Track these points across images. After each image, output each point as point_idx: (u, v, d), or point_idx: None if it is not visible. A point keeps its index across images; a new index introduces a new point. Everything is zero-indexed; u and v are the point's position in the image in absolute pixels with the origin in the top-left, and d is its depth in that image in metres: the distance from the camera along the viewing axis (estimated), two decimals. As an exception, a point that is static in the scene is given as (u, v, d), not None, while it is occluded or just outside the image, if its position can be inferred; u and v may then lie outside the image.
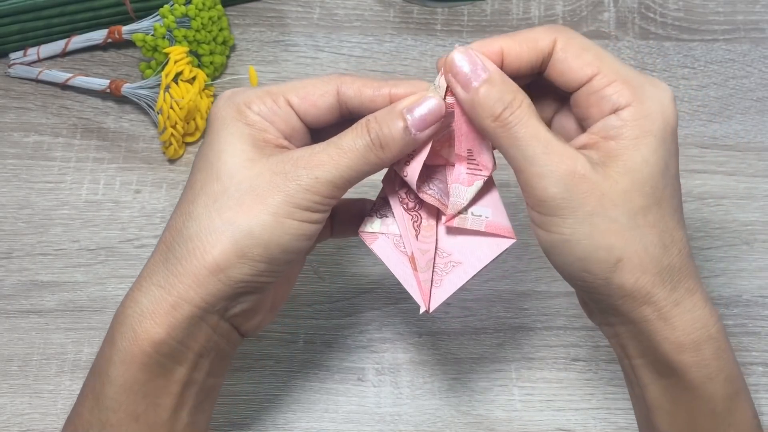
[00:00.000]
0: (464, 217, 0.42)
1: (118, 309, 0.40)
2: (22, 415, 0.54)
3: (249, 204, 0.38)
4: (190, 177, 0.41)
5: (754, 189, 0.61)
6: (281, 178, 0.38)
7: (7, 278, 0.58)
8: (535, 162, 0.37)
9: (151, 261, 0.40)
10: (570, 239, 0.38)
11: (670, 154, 0.38)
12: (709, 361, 0.39)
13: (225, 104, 0.41)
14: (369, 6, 0.68)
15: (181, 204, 0.40)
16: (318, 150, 0.39)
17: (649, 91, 0.38)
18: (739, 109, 0.64)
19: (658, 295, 0.38)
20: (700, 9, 0.68)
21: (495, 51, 0.39)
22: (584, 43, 0.39)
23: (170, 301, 0.39)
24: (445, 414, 0.55)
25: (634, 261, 0.38)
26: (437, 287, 0.43)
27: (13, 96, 0.64)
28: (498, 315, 0.57)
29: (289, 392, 0.55)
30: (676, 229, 0.39)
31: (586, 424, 0.55)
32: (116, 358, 0.39)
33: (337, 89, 0.41)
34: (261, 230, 0.38)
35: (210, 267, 0.38)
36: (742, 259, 0.59)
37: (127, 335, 0.39)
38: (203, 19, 0.61)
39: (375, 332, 0.57)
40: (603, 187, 0.37)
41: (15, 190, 0.61)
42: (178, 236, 0.39)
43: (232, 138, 0.39)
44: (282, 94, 0.41)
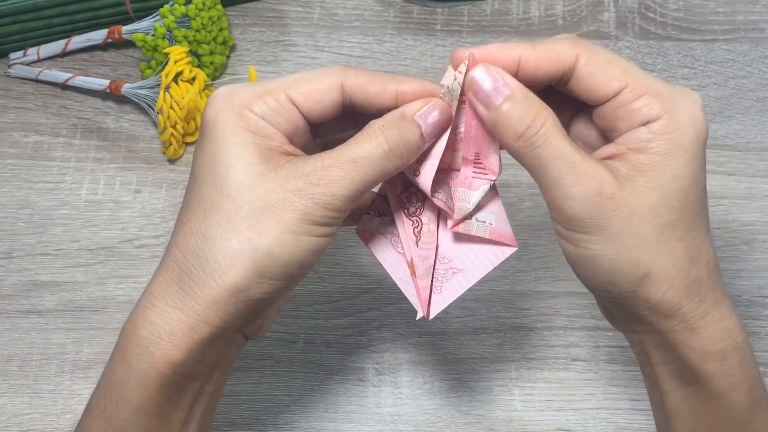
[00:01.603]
0: (469, 222, 0.42)
1: (127, 328, 0.39)
2: (22, 415, 0.54)
3: (265, 223, 0.37)
4: (193, 188, 0.39)
5: (754, 189, 0.61)
6: (296, 196, 0.37)
7: (7, 278, 0.58)
8: (560, 183, 0.37)
9: (161, 279, 0.39)
10: (597, 254, 0.37)
11: (701, 167, 0.38)
12: (734, 371, 0.39)
13: (223, 107, 0.38)
14: (369, 6, 0.68)
15: (189, 220, 0.38)
16: (330, 163, 0.38)
17: (680, 102, 0.37)
18: (739, 109, 0.64)
19: (686, 307, 0.38)
20: (700, 9, 0.68)
21: (512, 58, 0.38)
22: (609, 57, 0.38)
23: (188, 323, 0.37)
24: (445, 414, 0.55)
25: (660, 275, 0.37)
26: (437, 294, 0.43)
27: (13, 96, 0.64)
28: (498, 315, 0.57)
29: (289, 392, 0.55)
30: (703, 241, 0.38)
31: (586, 424, 0.55)
32: (132, 381, 0.38)
33: (341, 83, 0.39)
34: (280, 250, 0.37)
35: (230, 289, 0.37)
36: (742, 259, 0.59)
37: (144, 357, 0.37)
38: (203, 19, 0.61)
39: (375, 332, 0.57)
40: (631, 204, 0.37)
41: (15, 190, 0.61)
42: (192, 257, 0.38)
43: (238, 149, 0.37)
44: (283, 91, 0.39)
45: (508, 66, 0.38)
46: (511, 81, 0.38)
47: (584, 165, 0.37)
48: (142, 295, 0.39)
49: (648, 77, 0.38)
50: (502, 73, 0.38)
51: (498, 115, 0.38)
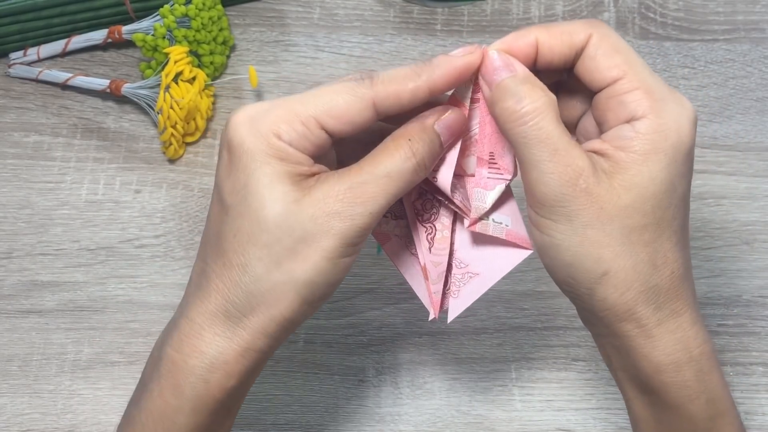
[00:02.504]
0: (486, 223, 0.42)
1: (174, 356, 0.39)
2: (22, 415, 0.54)
3: (306, 252, 0.37)
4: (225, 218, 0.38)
5: (754, 189, 0.61)
6: (336, 219, 0.37)
7: (7, 278, 0.58)
8: (539, 166, 0.37)
9: (204, 308, 0.39)
10: (561, 244, 0.38)
11: (680, 175, 0.37)
12: (689, 383, 0.39)
13: (249, 133, 0.37)
14: (369, 6, 0.68)
15: (225, 251, 0.38)
16: (365, 180, 0.37)
17: (669, 106, 0.37)
18: (739, 109, 0.64)
19: (641, 312, 0.38)
20: (700, 9, 0.68)
21: (530, 42, 0.38)
22: (617, 44, 0.38)
23: (239, 351, 0.38)
24: (445, 414, 0.55)
25: (620, 276, 0.37)
26: (455, 298, 0.43)
27: (13, 96, 0.64)
28: (498, 315, 0.57)
29: (289, 392, 0.55)
30: (672, 250, 0.38)
31: (586, 424, 0.55)
32: (187, 408, 0.38)
33: (374, 103, 0.38)
34: (321, 277, 0.38)
35: (277, 320, 0.38)
36: (742, 259, 0.59)
37: (198, 386, 0.38)
38: (203, 19, 0.61)
39: (375, 332, 0.57)
40: (603, 201, 0.36)
41: (15, 190, 0.61)
42: (236, 290, 0.38)
43: (271, 181, 0.37)
44: (313, 117, 0.37)
45: (527, 51, 0.38)
46: (518, 65, 0.38)
47: (566, 153, 0.37)
48: (180, 320, 0.39)
49: (649, 74, 0.38)
50: (513, 60, 0.38)
51: (496, 93, 0.38)
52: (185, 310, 0.39)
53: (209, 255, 0.39)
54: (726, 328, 0.57)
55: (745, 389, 0.55)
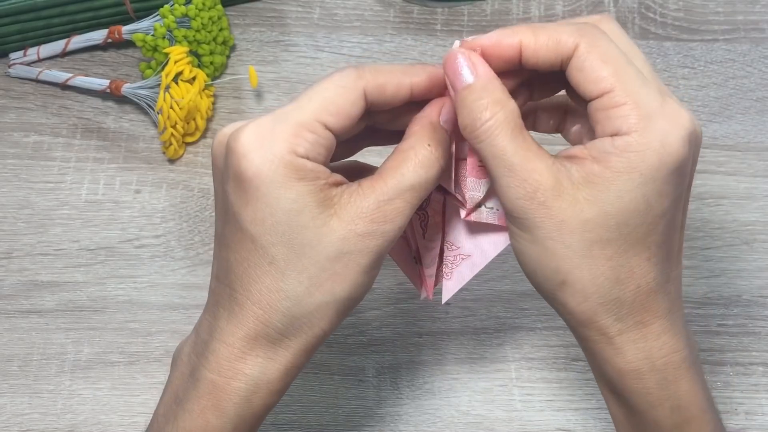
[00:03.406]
0: (480, 210, 0.42)
1: (215, 380, 0.39)
2: (22, 415, 0.54)
3: (344, 272, 0.38)
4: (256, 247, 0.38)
5: (754, 189, 0.61)
6: (369, 239, 0.37)
7: (7, 278, 0.58)
8: (497, 180, 0.37)
9: (242, 333, 0.39)
10: (524, 251, 0.38)
11: (660, 194, 0.36)
12: (651, 390, 0.39)
13: (263, 160, 0.36)
14: (369, 6, 0.68)
15: (261, 277, 0.38)
16: (391, 196, 0.38)
17: (657, 124, 0.36)
18: (739, 109, 0.64)
19: (601, 322, 0.38)
20: (700, 9, 0.68)
21: (513, 44, 0.38)
22: (606, 54, 0.36)
23: (282, 370, 0.39)
24: (445, 414, 0.55)
25: (577, 287, 0.37)
26: (448, 279, 0.44)
27: (13, 96, 0.64)
28: (498, 315, 0.57)
29: (289, 392, 0.55)
30: (640, 266, 0.37)
31: (586, 424, 0.55)
32: (229, 427, 0.39)
33: (364, 91, 0.38)
34: (358, 290, 0.38)
35: (319, 337, 0.39)
36: (742, 259, 0.59)
37: (243, 406, 0.39)
38: (203, 19, 0.61)
39: (375, 332, 0.57)
40: (564, 214, 0.36)
41: (15, 190, 0.61)
42: (277, 315, 0.38)
43: (296, 206, 0.36)
44: (316, 120, 0.37)
45: (509, 53, 0.38)
46: (480, 68, 0.38)
47: (522, 168, 0.36)
48: (215, 344, 0.39)
49: (640, 85, 0.36)
50: (474, 59, 0.38)
51: (457, 100, 0.38)
52: (218, 334, 0.39)
53: (237, 281, 0.39)
54: (726, 328, 0.57)
55: (745, 389, 0.55)
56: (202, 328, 0.41)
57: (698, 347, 0.43)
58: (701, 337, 0.57)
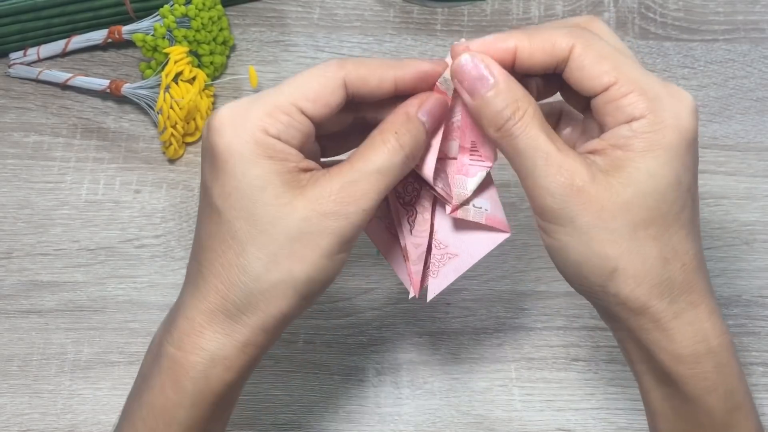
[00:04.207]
0: (467, 209, 0.42)
1: (175, 354, 0.39)
2: (22, 415, 0.54)
3: (302, 251, 0.38)
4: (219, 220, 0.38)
5: (754, 189, 0.61)
6: (331, 219, 0.38)
7: (7, 278, 0.58)
8: (533, 173, 0.37)
9: (203, 307, 0.39)
10: (567, 245, 0.38)
11: (684, 168, 0.37)
12: (708, 374, 0.39)
13: (235, 134, 0.37)
14: (369, 6, 0.68)
15: (224, 252, 0.38)
16: (356, 178, 0.38)
17: (666, 102, 0.37)
18: (739, 109, 0.64)
19: (656, 306, 0.38)
20: (700, 9, 0.68)
21: (508, 48, 0.38)
22: (603, 50, 0.38)
23: (238, 346, 0.39)
24: (445, 414, 0.55)
25: (629, 272, 0.37)
26: (434, 278, 0.44)
27: (13, 96, 0.64)
28: (498, 315, 0.57)
29: (289, 392, 0.55)
30: (681, 243, 0.38)
31: (586, 424, 0.55)
32: (187, 402, 0.39)
33: (344, 81, 0.39)
34: (319, 274, 0.39)
35: (278, 317, 0.39)
36: (742, 259, 0.59)
37: (200, 381, 0.39)
38: (203, 19, 0.61)
39: (375, 332, 0.57)
40: (602, 199, 0.37)
41: (15, 190, 0.61)
42: (235, 289, 0.38)
43: (261, 182, 0.37)
44: (291, 102, 0.38)
45: (504, 57, 0.38)
46: (496, 70, 0.38)
47: (558, 157, 0.37)
48: (180, 320, 0.40)
49: (640, 73, 0.38)
50: (488, 62, 0.38)
51: (480, 105, 0.38)
52: (183, 309, 0.40)
53: (204, 256, 0.39)
54: (726, 328, 0.57)
55: (745, 389, 0.56)
56: (174, 305, 0.41)
57: None
58: (701, 337, 0.57)
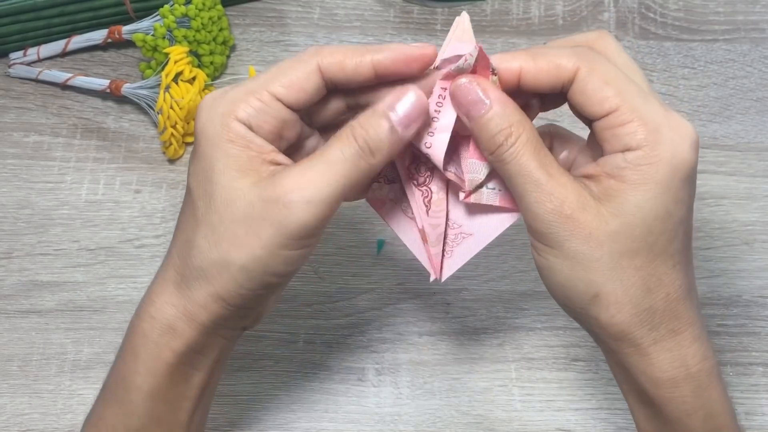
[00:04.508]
0: (480, 191, 0.42)
1: (133, 322, 0.42)
2: (22, 415, 0.54)
3: (242, 237, 0.38)
4: (188, 199, 0.40)
5: (754, 189, 0.61)
6: (272, 207, 0.38)
7: (7, 278, 0.58)
8: (524, 198, 0.38)
9: (160, 279, 0.41)
10: (554, 267, 0.38)
11: (676, 201, 0.37)
12: (687, 398, 0.39)
13: (208, 117, 0.39)
14: (369, 6, 0.68)
15: (185, 228, 0.40)
16: (306, 168, 0.38)
17: (665, 135, 0.37)
18: (739, 109, 0.64)
19: (635, 333, 0.38)
20: (700, 9, 0.68)
21: (513, 70, 0.38)
22: (607, 75, 0.37)
23: (183, 319, 0.40)
24: (445, 414, 0.55)
25: (610, 299, 0.38)
26: (448, 258, 0.44)
27: (13, 96, 0.64)
28: (498, 315, 0.57)
29: (289, 392, 0.55)
30: (667, 274, 0.38)
31: (586, 424, 0.55)
32: (142, 369, 0.41)
33: (318, 66, 0.39)
34: (254, 265, 0.39)
35: (213, 296, 0.40)
36: (742, 259, 0.59)
37: (150, 347, 0.41)
38: (203, 19, 0.61)
39: (375, 332, 0.57)
40: (590, 227, 0.37)
41: (15, 190, 0.61)
42: (183, 264, 0.40)
43: (224, 166, 0.38)
44: (265, 89, 0.39)
45: (508, 78, 0.39)
46: (492, 94, 0.38)
47: (548, 185, 0.37)
48: (146, 292, 0.42)
49: (643, 101, 0.37)
50: (485, 86, 0.38)
51: (475, 128, 0.39)
52: (150, 284, 0.42)
53: (174, 233, 0.41)
54: (726, 328, 0.57)
55: (745, 389, 0.55)
56: None
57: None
58: (701, 337, 0.57)
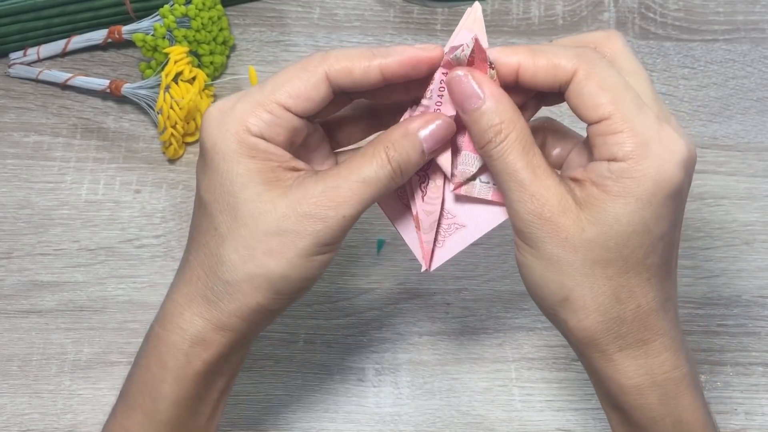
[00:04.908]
0: (473, 184, 0.42)
1: (159, 333, 0.42)
2: (22, 415, 0.54)
3: (280, 249, 0.39)
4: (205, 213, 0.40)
5: (754, 189, 0.61)
6: (309, 221, 0.39)
7: (7, 278, 0.58)
8: (508, 195, 0.38)
9: (186, 291, 0.41)
10: (530, 265, 0.39)
11: (656, 217, 0.37)
12: (653, 406, 0.39)
13: (219, 132, 0.39)
14: (369, 6, 0.68)
15: (207, 243, 0.40)
16: (339, 184, 0.39)
17: (653, 149, 0.36)
18: (739, 109, 0.64)
19: (600, 339, 0.39)
20: (700, 9, 0.68)
21: (511, 65, 0.38)
22: (605, 81, 0.37)
23: (215, 329, 0.41)
24: (445, 414, 0.55)
25: (579, 304, 0.38)
26: (440, 247, 0.44)
27: (13, 96, 0.64)
28: (498, 315, 0.57)
29: (289, 392, 0.55)
30: (640, 286, 0.38)
31: (586, 424, 0.55)
32: (170, 378, 0.41)
33: (326, 75, 0.39)
34: (294, 272, 0.39)
35: (252, 307, 0.40)
36: (742, 259, 0.59)
37: (180, 358, 0.41)
38: (203, 19, 0.61)
39: (375, 332, 0.57)
40: (568, 231, 0.37)
41: (15, 190, 0.61)
42: (214, 278, 0.40)
43: (243, 179, 0.39)
44: (273, 100, 0.39)
45: (506, 73, 0.39)
46: (487, 88, 0.38)
47: (532, 185, 0.38)
48: (167, 302, 0.42)
49: (637, 111, 0.37)
50: (481, 79, 0.38)
51: (468, 121, 0.39)
52: (170, 293, 0.42)
53: (192, 246, 0.41)
54: (726, 328, 0.57)
55: (745, 389, 0.55)
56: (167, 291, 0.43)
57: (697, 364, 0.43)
58: (701, 337, 0.57)
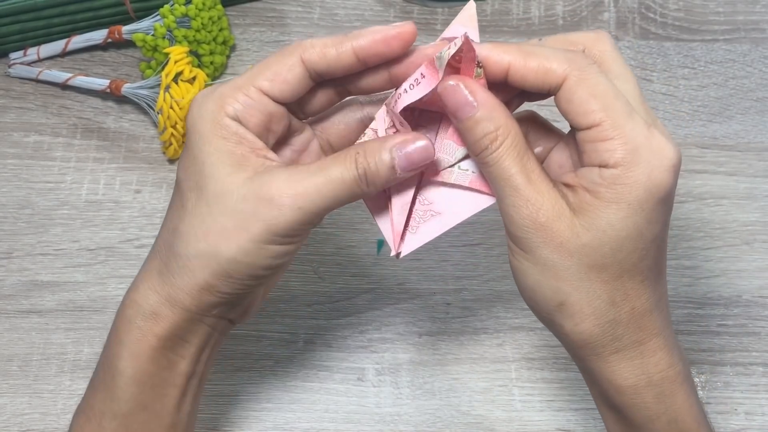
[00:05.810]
0: (451, 170, 0.42)
1: (118, 311, 0.43)
2: (22, 415, 0.54)
3: (232, 230, 0.39)
4: (178, 190, 0.41)
5: (754, 189, 0.61)
6: (265, 206, 0.39)
7: (7, 278, 0.58)
8: (503, 201, 0.38)
9: (146, 266, 0.42)
10: (525, 270, 0.39)
11: (648, 222, 0.37)
12: (649, 405, 0.40)
13: (199, 113, 0.40)
14: (369, 6, 0.68)
15: (173, 218, 0.41)
16: (303, 177, 0.39)
17: (644, 156, 0.36)
18: (739, 109, 0.64)
19: (596, 342, 0.39)
20: (700, 9, 0.68)
21: (501, 64, 0.38)
22: (596, 88, 0.37)
23: (165, 303, 0.41)
24: (445, 414, 0.55)
25: (575, 308, 0.38)
26: (412, 233, 0.43)
27: (13, 96, 0.64)
28: (498, 315, 0.57)
29: (289, 392, 0.55)
30: (634, 288, 0.38)
31: (586, 424, 0.55)
32: (125, 353, 0.42)
33: (301, 57, 0.40)
34: (243, 256, 0.40)
35: (200, 284, 0.40)
36: (742, 259, 0.59)
37: (133, 332, 0.41)
38: (203, 19, 0.61)
39: (375, 332, 0.57)
40: (563, 237, 0.37)
41: (15, 190, 0.61)
42: (168, 251, 0.41)
43: (213, 159, 0.40)
44: (251, 83, 0.40)
45: (495, 72, 0.38)
46: (480, 96, 0.38)
47: (526, 191, 0.38)
48: (132, 281, 0.43)
49: (628, 119, 0.37)
50: (473, 88, 0.38)
51: (462, 129, 0.39)
52: (138, 272, 0.43)
53: (163, 223, 0.43)
54: (726, 328, 0.57)
55: (745, 389, 0.55)
56: None
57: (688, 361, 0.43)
58: (701, 337, 0.57)
